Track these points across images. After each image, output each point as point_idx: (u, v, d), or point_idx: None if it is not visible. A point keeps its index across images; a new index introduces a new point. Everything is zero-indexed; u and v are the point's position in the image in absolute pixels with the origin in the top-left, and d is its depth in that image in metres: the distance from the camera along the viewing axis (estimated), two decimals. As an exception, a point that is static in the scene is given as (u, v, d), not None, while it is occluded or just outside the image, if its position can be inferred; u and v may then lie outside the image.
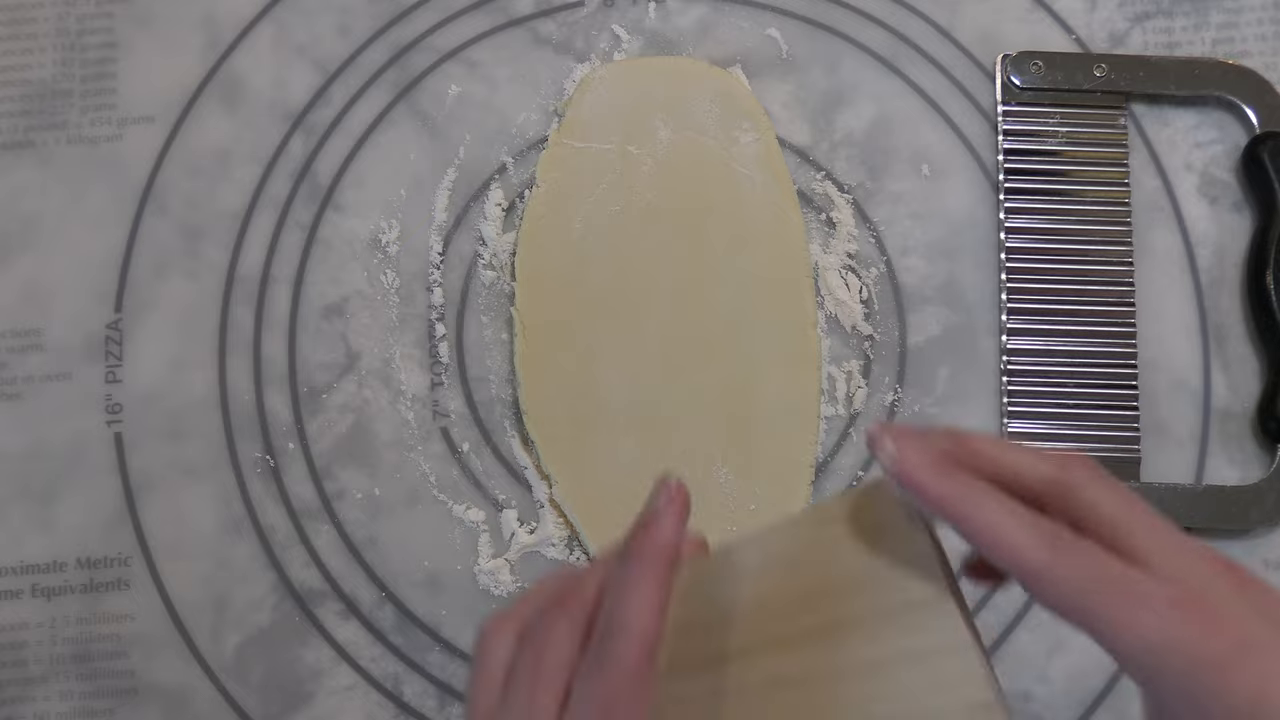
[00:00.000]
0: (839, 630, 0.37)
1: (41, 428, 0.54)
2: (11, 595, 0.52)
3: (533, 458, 0.53)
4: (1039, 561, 0.34)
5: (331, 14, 0.58)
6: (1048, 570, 0.34)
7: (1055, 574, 0.34)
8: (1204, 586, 0.34)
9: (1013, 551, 0.34)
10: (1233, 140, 0.56)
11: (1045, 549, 0.34)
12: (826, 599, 0.37)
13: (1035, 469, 0.36)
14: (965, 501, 0.35)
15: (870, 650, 0.36)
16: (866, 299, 0.55)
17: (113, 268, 0.55)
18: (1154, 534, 0.35)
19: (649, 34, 0.58)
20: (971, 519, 0.34)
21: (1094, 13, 0.58)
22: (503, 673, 0.35)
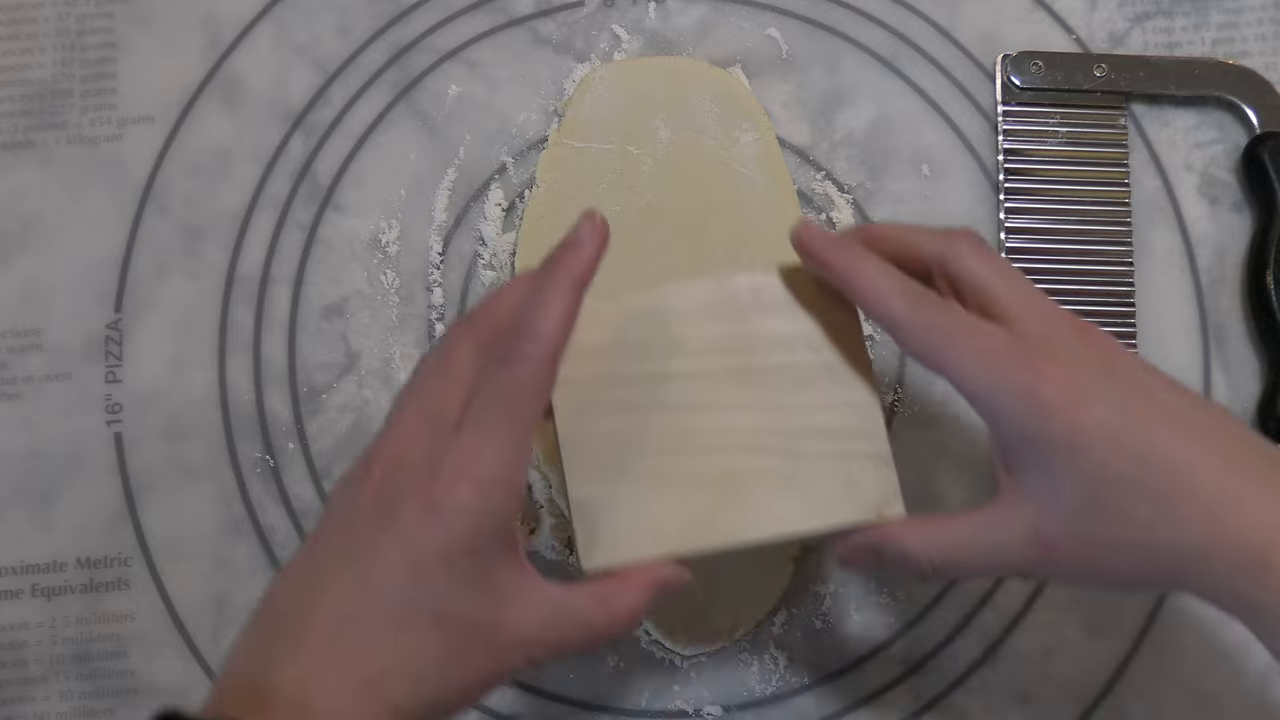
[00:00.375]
0: (755, 374, 0.44)
1: (41, 428, 0.54)
2: (11, 595, 0.52)
3: (533, 458, 0.53)
4: (900, 312, 0.41)
5: (331, 14, 0.58)
6: (905, 319, 0.41)
7: (913, 322, 0.41)
8: (1050, 340, 0.40)
9: (880, 304, 0.41)
10: (1233, 140, 0.56)
11: (906, 302, 0.41)
12: (748, 348, 0.44)
13: (926, 244, 0.43)
14: (848, 265, 0.42)
15: (783, 397, 0.44)
16: (866, 299, 0.55)
17: (113, 268, 0.55)
18: (1015, 294, 0.41)
19: (649, 34, 0.58)
20: (852, 278, 0.42)
21: (1094, 13, 0.58)
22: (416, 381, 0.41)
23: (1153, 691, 0.51)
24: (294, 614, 0.38)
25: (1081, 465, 0.39)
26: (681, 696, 0.51)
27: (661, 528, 0.43)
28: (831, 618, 0.52)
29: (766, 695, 0.51)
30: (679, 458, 0.43)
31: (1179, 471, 0.38)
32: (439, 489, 0.37)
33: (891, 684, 0.51)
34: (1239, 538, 0.38)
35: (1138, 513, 0.39)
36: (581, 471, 0.43)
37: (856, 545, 0.44)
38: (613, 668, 0.51)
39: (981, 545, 0.41)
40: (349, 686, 0.36)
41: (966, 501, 0.53)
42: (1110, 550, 0.40)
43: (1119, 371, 0.40)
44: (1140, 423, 0.39)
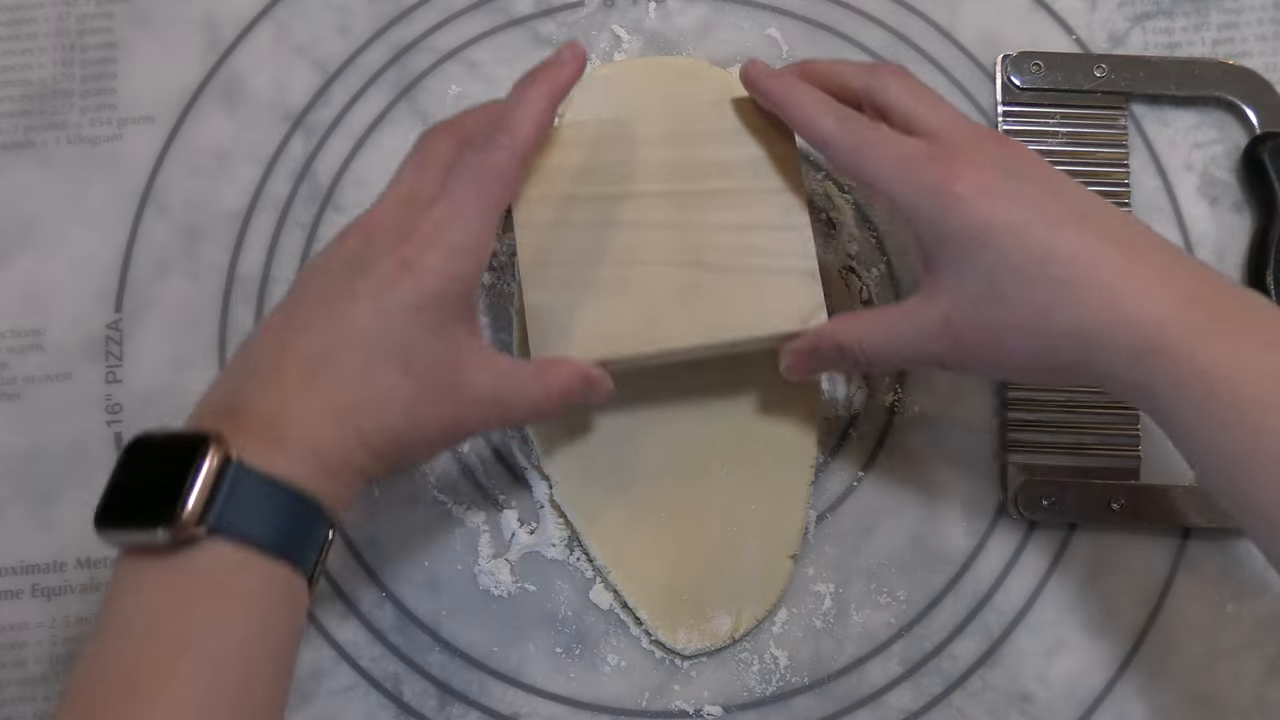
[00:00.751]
0: (701, 196, 0.49)
1: (41, 428, 0.54)
2: (11, 595, 0.52)
3: (532, 458, 0.53)
4: (828, 128, 0.46)
5: (331, 14, 0.58)
6: (833, 134, 0.46)
7: (840, 138, 0.45)
8: (967, 146, 0.44)
9: (811, 123, 0.46)
10: (1233, 140, 0.56)
11: (834, 120, 0.46)
12: (696, 172, 0.49)
13: (855, 76, 0.48)
14: (785, 93, 0.47)
15: (729, 215, 0.49)
16: (866, 300, 0.55)
17: (113, 268, 0.55)
18: (937, 114, 0.45)
19: (649, 34, 0.58)
20: (787, 103, 0.47)
21: (1094, 13, 0.58)
22: None
23: (1153, 691, 0.51)
24: (269, 355, 0.41)
25: (986, 255, 0.42)
26: (681, 696, 0.51)
27: (608, 332, 0.48)
28: (831, 618, 0.52)
29: (766, 695, 0.51)
30: (627, 270, 0.48)
31: (1079, 262, 0.41)
32: (411, 248, 0.42)
33: (891, 684, 0.51)
34: (1134, 323, 0.40)
35: (1038, 299, 0.41)
36: (537, 280, 0.48)
37: (798, 349, 0.48)
38: (613, 668, 0.51)
39: (903, 336, 0.45)
40: (321, 412, 0.40)
41: (967, 501, 0.53)
42: (1011, 334, 0.43)
43: (1030, 174, 0.44)
44: (1046, 218, 0.42)
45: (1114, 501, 0.52)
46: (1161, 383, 0.40)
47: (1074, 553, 0.52)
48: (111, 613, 0.38)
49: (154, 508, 0.37)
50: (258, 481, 0.38)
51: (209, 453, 0.38)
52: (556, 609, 0.52)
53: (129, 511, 0.38)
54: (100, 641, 0.38)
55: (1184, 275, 0.41)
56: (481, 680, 0.51)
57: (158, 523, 0.37)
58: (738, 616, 0.51)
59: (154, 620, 0.37)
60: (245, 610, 0.38)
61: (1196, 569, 0.52)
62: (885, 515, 0.53)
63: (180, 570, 0.37)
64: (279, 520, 0.39)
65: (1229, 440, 0.39)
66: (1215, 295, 0.41)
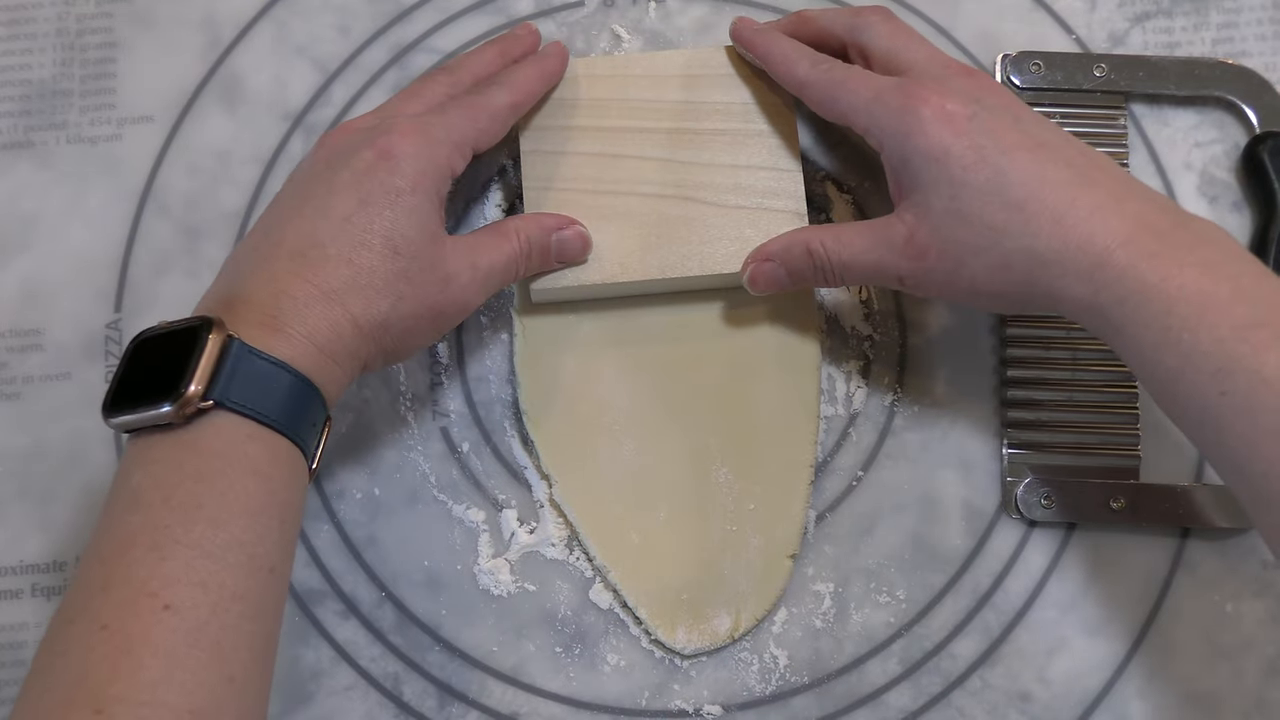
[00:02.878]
0: (698, 135, 0.52)
1: (41, 428, 0.54)
2: (11, 595, 0.52)
3: (532, 458, 0.53)
4: (803, 72, 0.50)
5: (331, 14, 0.58)
6: (809, 78, 0.49)
7: (814, 78, 0.49)
8: (935, 77, 0.47)
9: (788, 69, 0.50)
10: (1233, 140, 0.56)
11: (809, 64, 0.50)
12: (694, 112, 0.53)
13: (840, 21, 0.51)
14: (766, 45, 0.51)
15: (724, 155, 0.52)
16: (866, 299, 0.55)
17: (113, 268, 0.55)
18: (914, 52, 0.48)
19: (649, 34, 0.58)
20: (768, 54, 0.51)
21: (1094, 13, 0.58)
22: None
23: (1153, 691, 0.51)
24: (259, 249, 0.44)
25: (947, 174, 0.45)
26: (681, 696, 0.51)
27: (602, 260, 0.51)
28: (831, 617, 0.52)
29: (766, 695, 0.51)
30: (623, 200, 0.52)
31: (1033, 184, 0.44)
32: (391, 139, 0.45)
33: (891, 683, 0.51)
34: (1084, 245, 0.43)
35: (994, 218, 0.44)
36: (536, 204, 0.51)
37: (766, 249, 0.50)
38: (613, 667, 0.51)
39: (869, 249, 0.47)
40: (312, 295, 0.42)
41: (967, 501, 0.53)
42: (970, 254, 0.45)
43: (993, 103, 0.46)
44: (1003, 143, 0.44)
45: (1114, 501, 0.52)
46: (1107, 299, 0.42)
47: (1074, 553, 0.52)
48: (121, 489, 0.40)
49: (161, 387, 0.39)
50: (258, 360, 0.40)
51: (211, 332, 0.40)
52: (556, 609, 0.52)
53: (136, 395, 0.40)
54: (110, 515, 0.39)
55: (1135, 202, 0.43)
56: (481, 680, 0.51)
57: (164, 400, 0.39)
58: (737, 616, 0.51)
59: (165, 489, 0.39)
60: (252, 477, 0.40)
61: (1196, 569, 0.52)
62: (885, 515, 0.53)
63: (188, 443, 0.39)
64: (280, 397, 0.41)
65: (1164, 355, 0.41)
66: (1165, 220, 0.43)
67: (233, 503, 0.39)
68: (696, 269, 0.51)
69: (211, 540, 0.38)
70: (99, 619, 0.37)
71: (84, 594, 0.38)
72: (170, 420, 0.39)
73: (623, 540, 0.52)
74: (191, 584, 0.37)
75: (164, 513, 0.38)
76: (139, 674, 0.36)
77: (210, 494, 0.39)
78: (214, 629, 0.37)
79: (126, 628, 0.36)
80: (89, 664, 0.36)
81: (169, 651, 0.36)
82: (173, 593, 0.37)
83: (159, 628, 0.36)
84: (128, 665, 0.36)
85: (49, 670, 0.37)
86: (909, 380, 0.54)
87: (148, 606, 0.37)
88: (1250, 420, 0.39)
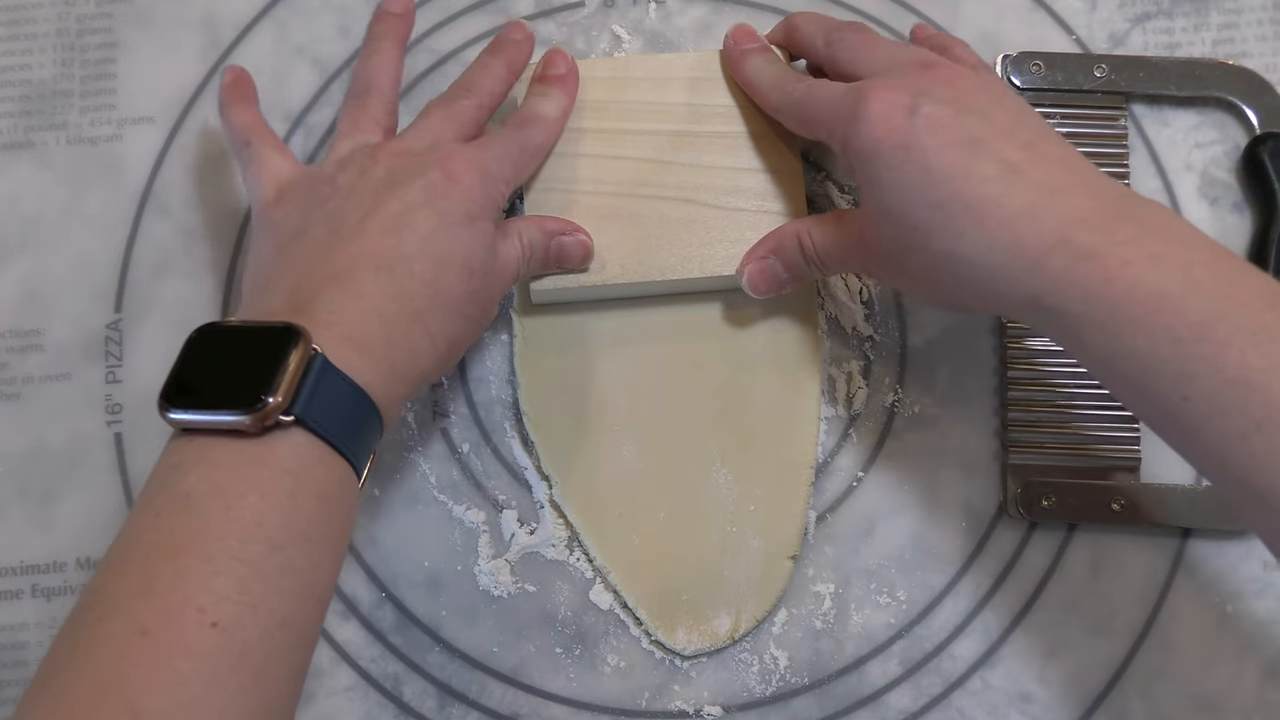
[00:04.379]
0: (698, 138, 0.52)
1: (41, 428, 0.54)
2: (11, 595, 0.52)
3: (533, 458, 0.53)
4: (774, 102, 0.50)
5: (331, 14, 0.58)
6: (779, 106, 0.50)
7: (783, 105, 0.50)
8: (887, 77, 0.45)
9: (762, 100, 0.51)
10: (1233, 140, 0.56)
11: (777, 95, 0.50)
12: (694, 115, 0.53)
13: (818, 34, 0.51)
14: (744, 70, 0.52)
15: (725, 158, 0.52)
16: (866, 300, 0.55)
17: (113, 268, 0.55)
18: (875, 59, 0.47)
19: (649, 34, 0.58)
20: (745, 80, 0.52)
21: (1094, 13, 0.58)
22: None
23: (1153, 691, 0.51)
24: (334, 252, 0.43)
25: (875, 173, 0.44)
26: (681, 696, 0.51)
27: (602, 261, 0.51)
28: (831, 618, 0.52)
29: (766, 695, 0.51)
30: (624, 202, 0.52)
31: (957, 181, 0.42)
32: (456, 165, 0.45)
33: (891, 684, 0.51)
34: (1012, 247, 0.41)
35: (917, 218, 0.43)
36: (538, 205, 0.52)
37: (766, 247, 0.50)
38: (613, 668, 0.51)
39: (840, 244, 0.48)
40: (398, 313, 0.42)
41: (967, 501, 0.53)
42: (901, 253, 0.44)
43: (941, 94, 0.44)
44: (937, 138, 0.42)
45: (1114, 501, 0.52)
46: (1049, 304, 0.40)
47: (1074, 553, 0.52)
48: (170, 486, 0.38)
49: (237, 392, 0.38)
50: (337, 378, 0.39)
51: (299, 343, 0.38)
52: (556, 609, 0.52)
53: (202, 393, 0.39)
54: (156, 513, 0.37)
55: (1070, 196, 0.41)
56: (481, 680, 0.51)
57: (242, 406, 0.37)
58: (737, 617, 0.51)
59: (226, 499, 0.37)
60: (316, 501, 0.38)
61: (1196, 569, 0.52)
62: (885, 515, 0.53)
63: (257, 456, 0.38)
64: (351, 419, 0.40)
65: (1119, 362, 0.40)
66: (1103, 213, 0.41)
67: (294, 526, 0.37)
68: (697, 271, 0.51)
69: (267, 562, 0.36)
70: (138, 623, 0.35)
71: (120, 593, 0.36)
72: (244, 429, 0.38)
73: (623, 541, 0.52)
74: (242, 604, 0.36)
75: (222, 524, 0.36)
76: (177, 690, 0.34)
77: (274, 513, 0.37)
78: (258, 655, 0.36)
79: (169, 639, 0.35)
80: (123, 668, 0.34)
81: (211, 672, 0.35)
82: (221, 611, 0.35)
83: (203, 645, 0.35)
84: (167, 679, 0.34)
85: (74, 665, 0.35)
86: (909, 380, 0.54)
87: (194, 621, 0.35)
88: (1218, 424, 0.38)
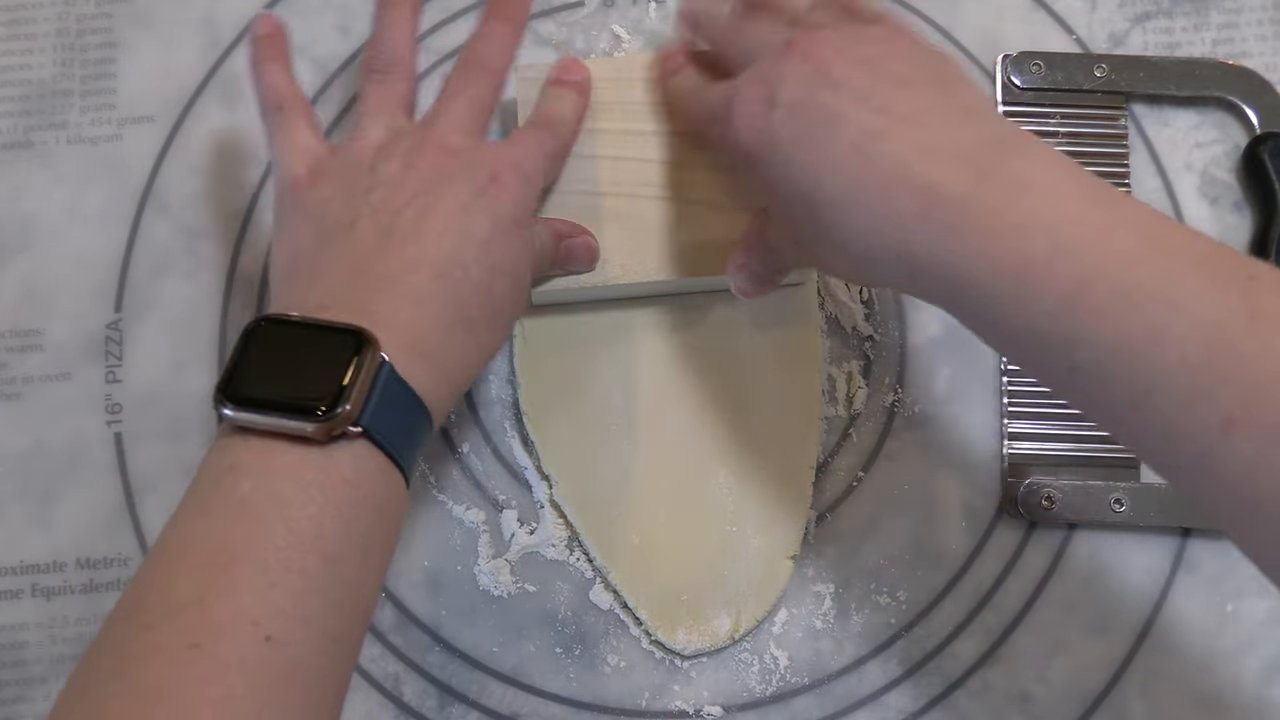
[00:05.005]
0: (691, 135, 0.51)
1: (41, 428, 0.54)
2: (11, 595, 0.52)
3: (533, 458, 0.53)
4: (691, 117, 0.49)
5: (331, 14, 0.58)
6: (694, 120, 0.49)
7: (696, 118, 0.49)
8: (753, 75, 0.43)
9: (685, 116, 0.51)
10: (1233, 140, 0.56)
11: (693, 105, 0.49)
12: None
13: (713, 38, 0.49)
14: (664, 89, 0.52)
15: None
16: (867, 299, 0.55)
17: (113, 268, 0.55)
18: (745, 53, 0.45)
19: (649, 34, 0.58)
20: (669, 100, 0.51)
21: (1094, 13, 0.58)
22: None
23: (1153, 691, 0.51)
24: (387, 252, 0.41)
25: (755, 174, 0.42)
26: (681, 696, 0.51)
27: (603, 261, 0.51)
28: (831, 618, 0.52)
29: (766, 695, 0.51)
30: (624, 202, 0.52)
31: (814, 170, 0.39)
32: (501, 169, 0.44)
33: (891, 684, 0.51)
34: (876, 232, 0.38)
35: (790, 212, 0.41)
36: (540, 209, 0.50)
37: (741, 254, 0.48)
38: (613, 668, 0.51)
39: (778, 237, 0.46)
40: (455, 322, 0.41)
41: (967, 501, 0.53)
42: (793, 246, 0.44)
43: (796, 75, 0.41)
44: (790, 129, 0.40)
45: (1114, 501, 0.52)
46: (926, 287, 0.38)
47: (1074, 553, 0.52)
48: (224, 490, 0.36)
49: (306, 397, 0.36)
50: (401, 388, 0.38)
51: (369, 350, 0.37)
52: (556, 609, 0.52)
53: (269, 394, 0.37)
54: (208, 517, 0.36)
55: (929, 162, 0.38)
56: (481, 680, 0.51)
57: (310, 413, 0.36)
58: (737, 617, 0.51)
59: (286, 509, 0.36)
60: (374, 514, 0.37)
61: (1196, 569, 0.52)
62: (885, 515, 0.53)
63: (321, 464, 0.37)
64: (409, 432, 0.39)
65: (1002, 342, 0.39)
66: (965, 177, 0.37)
67: (351, 539, 0.36)
68: (697, 271, 0.51)
69: (324, 575, 0.36)
70: (189, 635, 0.34)
71: (170, 601, 0.35)
72: (310, 436, 0.36)
73: (623, 541, 0.52)
74: (297, 619, 0.35)
75: (281, 534, 0.35)
76: (230, 707, 0.33)
77: (333, 525, 0.36)
78: (310, 670, 0.35)
79: (222, 653, 0.33)
80: (171, 682, 0.33)
81: (265, 688, 0.34)
82: (277, 625, 0.34)
83: (257, 660, 0.34)
84: (218, 694, 0.33)
85: (122, 678, 0.34)
86: (909, 380, 0.54)
87: (249, 635, 0.34)
88: (1105, 392, 0.36)
